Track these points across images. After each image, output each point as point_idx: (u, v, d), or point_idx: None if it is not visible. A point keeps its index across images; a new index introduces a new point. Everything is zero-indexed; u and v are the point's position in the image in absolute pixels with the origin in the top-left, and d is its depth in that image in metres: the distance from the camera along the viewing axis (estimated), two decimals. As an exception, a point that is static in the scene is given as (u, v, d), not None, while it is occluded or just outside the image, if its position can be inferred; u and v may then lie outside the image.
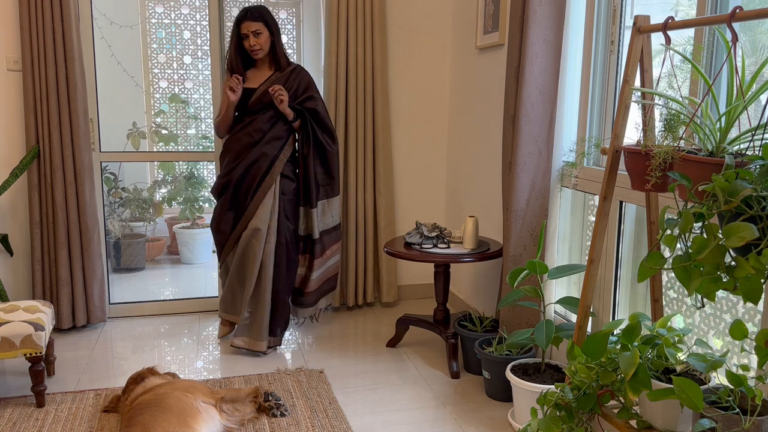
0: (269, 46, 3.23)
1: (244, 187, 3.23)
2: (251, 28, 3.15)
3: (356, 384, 3.01)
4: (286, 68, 3.30)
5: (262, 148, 3.20)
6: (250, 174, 3.21)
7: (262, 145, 3.20)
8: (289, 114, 3.20)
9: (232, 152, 3.25)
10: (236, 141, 3.24)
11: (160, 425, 2.25)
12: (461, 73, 3.95)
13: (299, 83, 3.29)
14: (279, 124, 3.23)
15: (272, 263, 3.26)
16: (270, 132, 3.21)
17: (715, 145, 1.68)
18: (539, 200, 2.88)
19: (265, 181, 3.22)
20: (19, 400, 2.80)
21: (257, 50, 3.19)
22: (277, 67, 3.29)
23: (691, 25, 1.77)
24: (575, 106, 2.82)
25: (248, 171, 3.21)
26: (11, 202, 3.55)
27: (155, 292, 4.49)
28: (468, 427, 2.64)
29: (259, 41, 3.17)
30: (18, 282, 3.62)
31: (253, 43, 3.16)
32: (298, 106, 3.25)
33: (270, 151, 3.21)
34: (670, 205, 2.08)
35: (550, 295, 2.89)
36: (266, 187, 3.22)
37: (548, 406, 1.92)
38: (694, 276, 1.48)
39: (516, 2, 2.87)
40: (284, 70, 3.29)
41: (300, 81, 3.29)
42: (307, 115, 3.26)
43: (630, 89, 1.92)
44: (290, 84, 3.28)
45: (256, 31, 3.15)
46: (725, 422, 1.55)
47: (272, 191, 3.23)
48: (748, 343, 1.95)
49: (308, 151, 3.28)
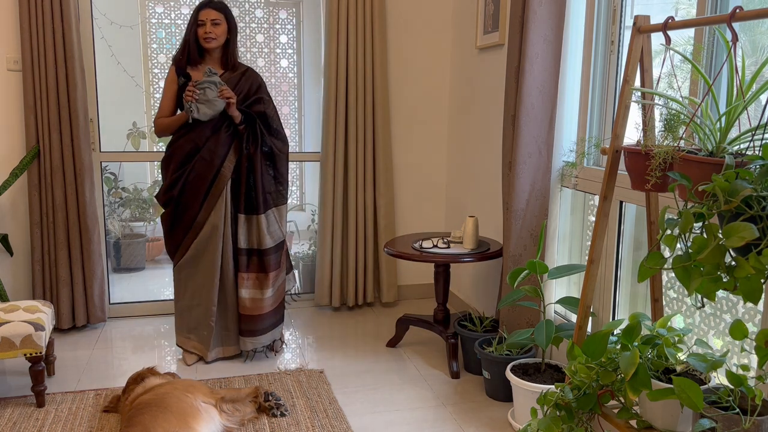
0: (224, 41, 3.08)
1: (190, 199, 3.06)
2: (211, 16, 3.01)
3: (356, 384, 3.01)
4: (237, 69, 3.15)
5: (204, 156, 3.03)
6: (194, 185, 3.04)
7: (204, 153, 3.03)
8: (236, 117, 3.02)
9: (175, 160, 3.08)
10: (179, 147, 3.07)
11: (161, 425, 2.25)
12: (461, 73, 3.95)
13: (251, 85, 3.14)
14: (222, 130, 3.05)
15: (232, 268, 3.15)
16: (213, 138, 3.04)
17: (715, 145, 1.68)
18: (539, 200, 2.88)
19: (213, 190, 3.06)
20: (19, 400, 2.80)
21: (211, 39, 3.02)
22: (227, 67, 3.13)
23: (691, 25, 1.77)
24: (575, 106, 2.82)
25: (193, 182, 3.04)
26: (11, 202, 3.55)
27: (155, 292, 4.49)
28: (468, 427, 2.64)
29: (215, 31, 3.02)
30: (18, 282, 3.62)
31: (209, 30, 3.01)
32: (246, 109, 3.09)
33: (214, 159, 3.03)
34: (670, 205, 2.08)
35: (550, 295, 2.89)
36: (215, 194, 3.06)
37: (548, 406, 1.92)
38: (694, 276, 1.48)
39: (516, 2, 2.87)
40: (235, 70, 3.14)
41: (252, 83, 3.14)
42: (257, 118, 3.10)
43: (630, 89, 1.92)
44: (241, 86, 3.12)
45: (215, 20, 3.02)
46: (725, 422, 1.55)
47: (222, 197, 3.07)
48: (748, 343, 1.95)
49: (255, 152, 3.08)
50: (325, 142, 3.88)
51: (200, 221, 3.08)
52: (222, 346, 3.26)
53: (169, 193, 3.08)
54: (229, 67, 3.13)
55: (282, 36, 5.32)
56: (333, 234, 3.95)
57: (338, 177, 3.90)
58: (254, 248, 3.16)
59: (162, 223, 3.16)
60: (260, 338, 3.21)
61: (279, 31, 5.30)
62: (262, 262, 3.16)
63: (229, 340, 3.25)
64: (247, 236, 3.15)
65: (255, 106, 3.12)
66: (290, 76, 5.41)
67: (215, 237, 3.08)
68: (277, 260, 3.21)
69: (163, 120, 3.12)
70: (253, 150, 3.09)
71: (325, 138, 3.88)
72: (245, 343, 3.20)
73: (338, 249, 3.96)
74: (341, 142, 3.87)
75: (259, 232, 3.13)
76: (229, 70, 3.13)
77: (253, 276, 3.17)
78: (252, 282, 3.17)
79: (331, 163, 3.89)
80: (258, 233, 3.13)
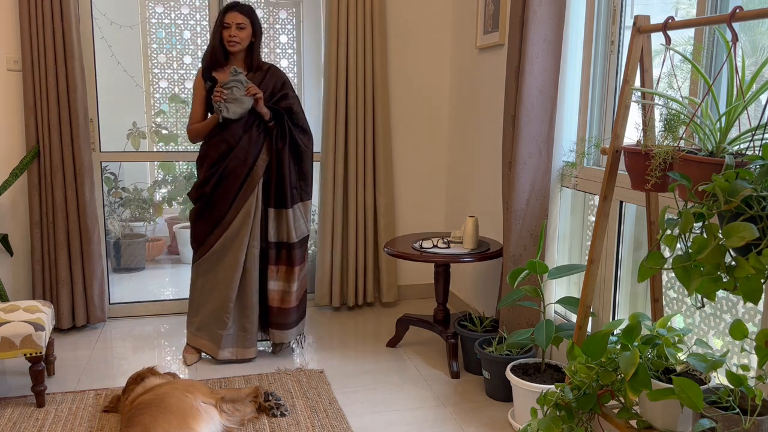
0: (247, 45, 3.12)
1: (222, 195, 3.10)
2: (237, 19, 3.04)
3: (356, 384, 3.01)
4: (261, 69, 3.20)
5: (238, 155, 3.07)
6: (228, 182, 3.09)
7: (238, 152, 3.07)
8: (265, 114, 3.08)
9: (209, 159, 3.12)
10: (213, 147, 3.11)
11: (161, 425, 2.25)
12: (461, 73, 3.95)
13: (275, 82, 3.18)
14: (254, 129, 3.10)
15: (257, 268, 3.17)
16: (245, 137, 3.09)
17: (715, 145, 1.68)
18: (539, 200, 2.88)
19: (245, 188, 3.10)
20: (19, 400, 2.80)
21: (235, 42, 3.05)
22: (251, 68, 3.17)
23: (691, 25, 1.77)
24: (575, 106, 2.82)
25: (225, 180, 3.08)
26: (11, 202, 3.55)
27: (155, 292, 4.49)
28: (468, 427, 2.64)
29: (240, 35, 3.05)
30: (18, 282, 3.62)
31: (233, 33, 3.04)
32: (274, 105, 3.14)
33: (247, 158, 3.08)
34: (670, 205, 2.08)
35: (550, 295, 2.89)
36: (247, 193, 3.10)
37: (548, 406, 1.92)
38: (694, 276, 1.48)
39: (516, 2, 2.87)
40: (259, 70, 3.19)
41: (276, 80, 3.18)
42: (284, 113, 3.15)
43: (630, 89, 1.92)
44: (266, 84, 3.16)
45: (240, 24, 3.05)
46: (725, 422, 1.55)
47: (254, 196, 3.11)
48: (748, 343, 1.95)
49: (283, 147, 3.13)
50: (325, 141, 3.88)
51: (229, 218, 3.11)
52: (236, 347, 3.21)
53: (202, 189, 3.12)
54: (252, 69, 3.17)
55: (282, 36, 5.32)
56: (333, 234, 3.95)
57: (338, 177, 3.90)
58: (283, 242, 3.22)
59: (190, 217, 3.21)
60: (288, 332, 3.27)
61: (279, 31, 5.30)
62: (290, 255, 3.22)
63: (245, 342, 3.20)
64: (277, 230, 3.21)
65: (281, 102, 3.16)
66: (290, 76, 5.38)
67: (242, 234, 3.11)
68: (302, 255, 3.27)
69: (196, 125, 3.19)
70: (282, 146, 3.14)
71: (325, 138, 3.88)
72: (273, 335, 3.27)
73: (338, 249, 3.96)
74: (341, 142, 3.87)
75: (287, 226, 3.19)
76: (253, 71, 3.17)
77: (282, 269, 3.23)
78: (281, 275, 3.24)
79: (331, 162, 3.89)
80: (286, 227, 3.19)
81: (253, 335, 3.21)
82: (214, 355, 3.20)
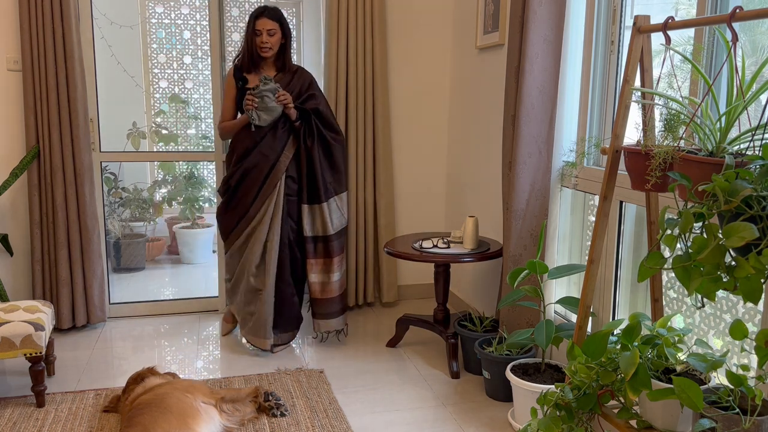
0: (278, 48, 3.26)
1: (246, 189, 3.23)
2: (267, 26, 3.17)
3: (356, 384, 3.01)
4: (290, 70, 3.33)
5: (262, 150, 3.20)
6: (251, 176, 3.21)
7: (262, 148, 3.20)
8: (293, 115, 3.21)
9: (236, 154, 3.27)
10: (239, 142, 3.26)
11: (160, 425, 2.25)
12: (461, 73, 3.95)
13: (302, 83, 3.30)
14: (279, 126, 3.23)
15: (275, 262, 3.25)
16: (270, 133, 3.21)
17: (715, 145, 1.68)
18: (539, 200, 2.88)
19: (268, 182, 3.22)
20: (19, 400, 2.80)
21: (267, 48, 3.19)
22: (282, 69, 3.30)
23: (691, 25, 1.77)
24: (575, 106, 2.82)
25: (249, 173, 3.22)
26: (11, 202, 3.55)
27: (155, 292, 4.49)
28: (468, 427, 2.64)
29: (271, 40, 3.19)
30: (18, 282, 3.62)
31: (265, 40, 3.18)
32: (300, 105, 3.26)
33: (270, 153, 3.20)
34: (670, 205, 2.08)
35: (550, 295, 2.89)
36: (269, 188, 3.22)
37: (548, 406, 1.92)
38: (694, 276, 1.48)
39: (516, 2, 2.87)
40: (288, 71, 3.32)
41: (303, 81, 3.31)
42: (311, 114, 3.26)
43: (630, 89, 1.92)
44: (294, 84, 3.29)
45: (271, 30, 3.17)
46: (725, 422, 1.55)
47: (276, 191, 3.22)
48: (748, 343, 1.95)
49: (312, 145, 3.25)
50: (325, 142, 3.88)
51: (253, 211, 3.24)
52: (253, 336, 3.29)
53: (227, 183, 3.28)
54: (284, 70, 3.31)
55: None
56: (333, 234, 3.95)
57: (338, 177, 3.90)
58: (319, 235, 3.34)
59: (217, 211, 3.38)
60: (331, 321, 3.38)
61: (279, 31, 5.29)
62: (327, 247, 3.34)
63: (258, 332, 3.27)
64: (312, 224, 3.33)
65: (308, 102, 3.28)
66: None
67: (263, 225, 3.23)
68: (341, 245, 3.39)
69: (227, 124, 3.34)
70: (311, 143, 3.26)
71: (325, 138, 3.88)
72: (319, 325, 3.38)
73: (338, 249, 3.96)
74: (341, 142, 3.87)
75: (322, 220, 3.31)
76: (282, 71, 3.31)
77: (320, 261, 3.35)
78: (320, 267, 3.36)
79: (331, 163, 3.89)
80: (322, 221, 3.31)
81: (268, 327, 3.25)
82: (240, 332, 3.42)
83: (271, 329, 3.27)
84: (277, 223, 3.24)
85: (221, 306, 3.98)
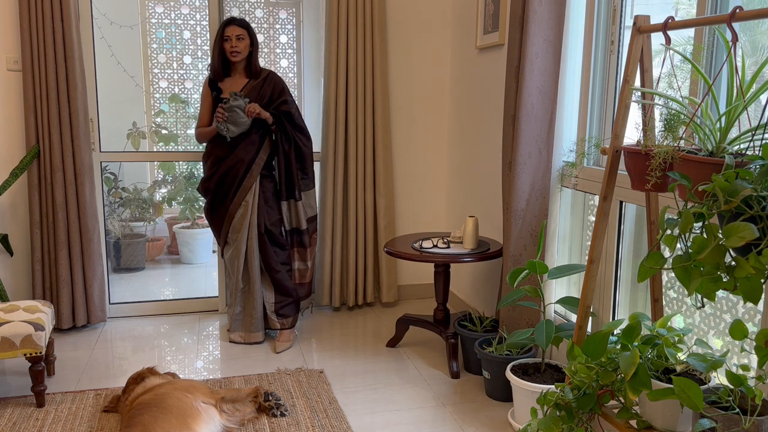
0: (247, 54, 3.40)
1: (224, 191, 3.42)
2: (236, 32, 3.34)
3: (356, 384, 3.01)
4: (260, 75, 3.47)
5: (238, 155, 3.37)
6: (227, 179, 3.39)
7: (238, 152, 3.37)
8: (268, 118, 3.37)
9: (212, 157, 3.44)
10: (216, 147, 3.42)
11: (160, 425, 2.25)
12: (461, 73, 3.95)
13: (273, 88, 3.46)
14: (253, 130, 3.39)
15: (257, 256, 3.44)
16: (245, 138, 3.37)
17: (715, 145, 1.68)
18: (539, 200, 2.88)
19: (244, 185, 3.39)
20: (19, 400, 2.80)
21: (236, 53, 3.35)
22: (251, 75, 3.46)
23: (691, 25, 1.77)
24: (575, 106, 2.82)
25: (226, 176, 3.39)
26: (11, 202, 3.55)
27: (155, 292, 4.49)
28: (468, 427, 2.64)
29: (240, 45, 3.35)
30: (18, 282, 3.62)
31: (234, 44, 3.34)
32: (274, 110, 3.42)
33: (246, 157, 3.37)
34: (670, 205, 2.08)
35: (550, 295, 2.89)
36: (245, 189, 3.39)
37: (548, 406, 1.92)
38: (694, 276, 1.48)
39: (516, 2, 2.87)
40: (258, 77, 3.46)
41: (274, 86, 3.46)
42: (283, 118, 3.43)
43: (630, 89, 1.92)
44: (265, 90, 3.45)
45: (240, 35, 3.35)
46: (725, 422, 1.55)
47: (252, 192, 3.40)
48: (748, 343, 1.95)
49: (289, 149, 3.46)
50: (325, 141, 3.88)
51: (232, 210, 3.42)
52: (243, 331, 3.50)
53: (207, 184, 3.46)
54: (252, 75, 3.46)
55: (282, 36, 5.32)
56: (333, 234, 3.96)
57: (338, 177, 3.90)
58: (295, 228, 3.62)
59: (205, 214, 3.57)
60: (304, 301, 3.73)
61: (279, 31, 5.30)
62: (301, 239, 3.64)
63: (251, 326, 3.48)
64: (290, 219, 3.60)
65: (281, 107, 3.46)
66: (290, 76, 5.40)
67: (243, 225, 3.41)
68: (311, 237, 3.67)
69: (203, 130, 3.50)
70: (288, 147, 3.48)
71: (325, 138, 3.88)
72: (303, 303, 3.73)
73: (338, 249, 3.96)
74: (341, 142, 3.87)
75: (297, 215, 3.58)
76: (253, 78, 3.46)
77: (302, 251, 3.65)
78: (299, 255, 3.66)
79: (331, 163, 3.90)
80: (296, 216, 3.59)
81: (258, 321, 3.48)
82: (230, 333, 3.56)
83: (262, 321, 3.49)
84: (254, 219, 3.42)
85: (221, 306, 3.98)
